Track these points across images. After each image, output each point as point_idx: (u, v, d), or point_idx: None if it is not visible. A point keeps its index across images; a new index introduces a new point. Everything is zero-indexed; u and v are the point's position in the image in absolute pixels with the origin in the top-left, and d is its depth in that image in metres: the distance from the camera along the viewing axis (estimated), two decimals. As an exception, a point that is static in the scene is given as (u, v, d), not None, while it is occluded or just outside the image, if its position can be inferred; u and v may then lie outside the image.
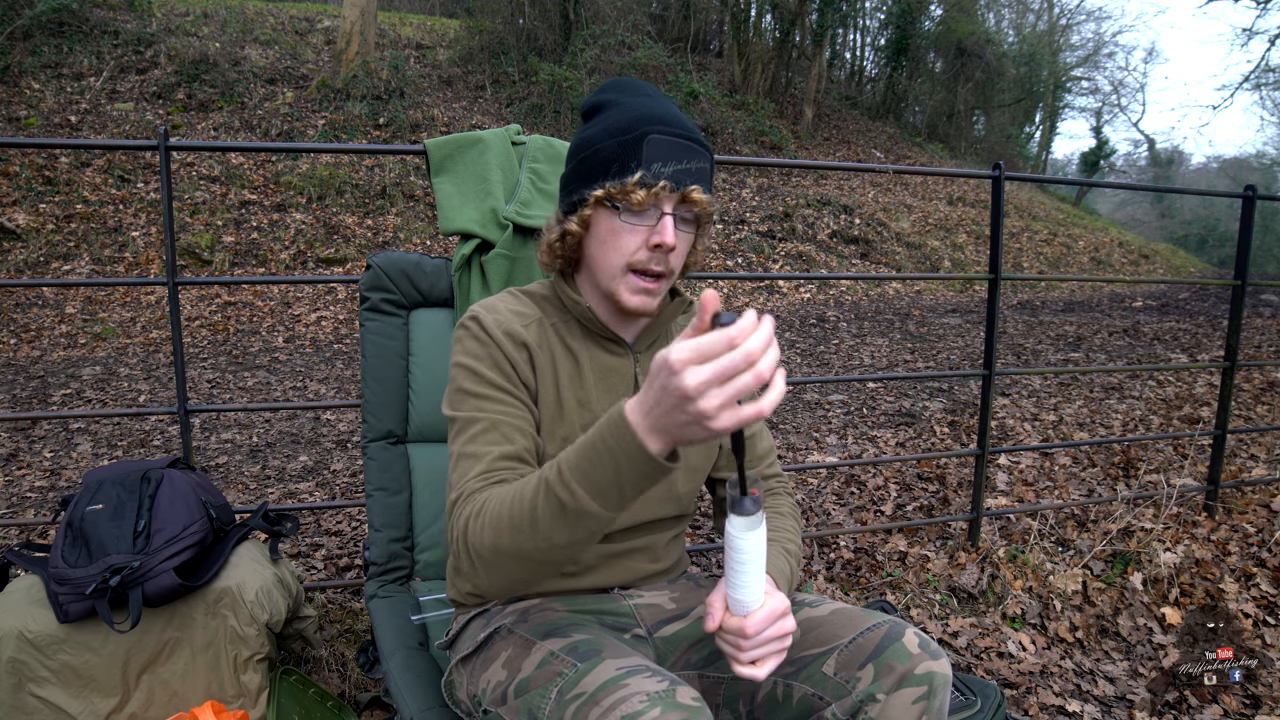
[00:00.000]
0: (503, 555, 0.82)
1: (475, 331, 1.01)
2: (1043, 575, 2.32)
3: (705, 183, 0.98)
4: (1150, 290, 10.84)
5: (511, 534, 0.81)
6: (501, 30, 11.67)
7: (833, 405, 4.65)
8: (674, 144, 0.95)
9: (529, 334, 1.03)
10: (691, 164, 0.96)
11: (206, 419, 4.27)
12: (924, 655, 0.92)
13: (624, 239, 0.98)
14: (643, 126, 0.95)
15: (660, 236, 0.96)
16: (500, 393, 0.98)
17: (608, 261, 0.99)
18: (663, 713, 0.77)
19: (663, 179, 0.94)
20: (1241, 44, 41.66)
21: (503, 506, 0.83)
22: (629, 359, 1.07)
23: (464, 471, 0.92)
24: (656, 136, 0.95)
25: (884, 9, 18.43)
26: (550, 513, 0.77)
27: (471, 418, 0.95)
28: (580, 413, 1.04)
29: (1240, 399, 4.59)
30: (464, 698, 1.04)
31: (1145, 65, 66.93)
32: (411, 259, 1.49)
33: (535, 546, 0.80)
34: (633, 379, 1.07)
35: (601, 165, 0.97)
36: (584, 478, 0.75)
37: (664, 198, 0.96)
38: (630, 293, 0.99)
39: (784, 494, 1.18)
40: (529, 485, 0.81)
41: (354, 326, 6.49)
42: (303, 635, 1.65)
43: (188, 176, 7.70)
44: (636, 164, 0.94)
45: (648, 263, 0.98)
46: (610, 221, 0.98)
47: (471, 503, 0.87)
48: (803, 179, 11.72)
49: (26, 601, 1.37)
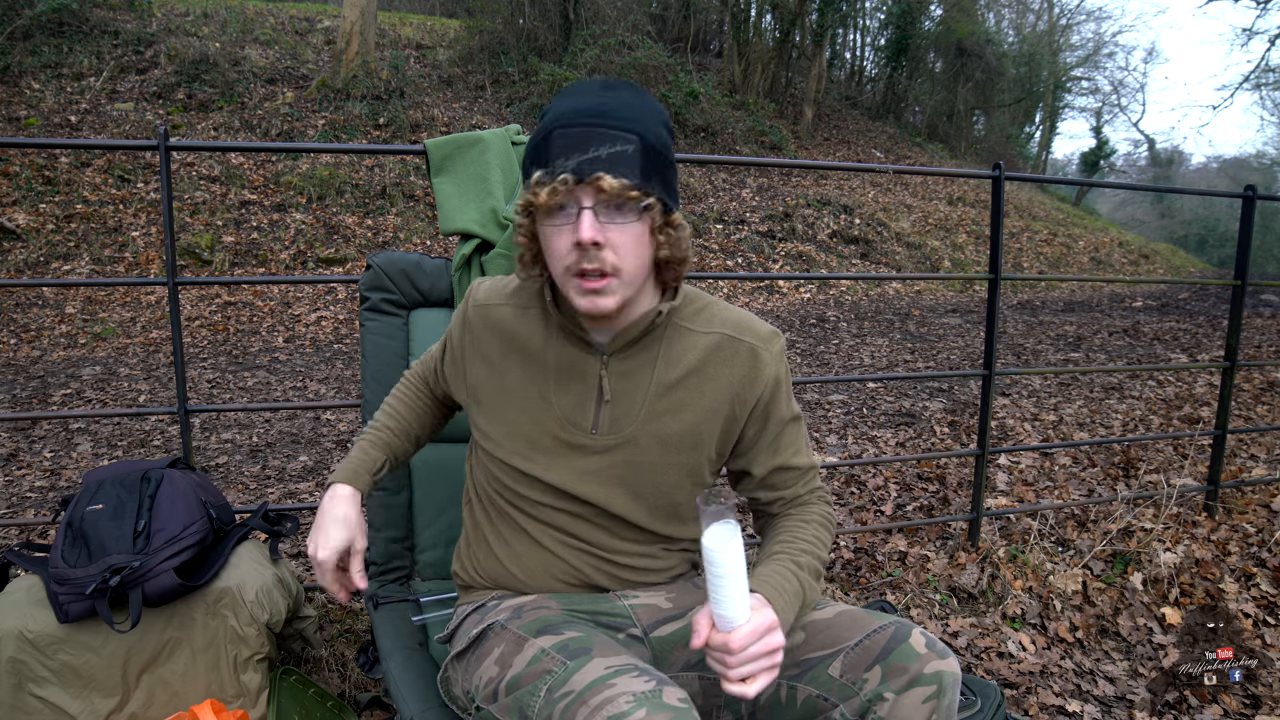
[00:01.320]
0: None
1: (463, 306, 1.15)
2: (1043, 575, 2.32)
3: (624, 167, 0.89)
4: (1150, 290, 10.84)
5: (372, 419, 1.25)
6: (501, 30, 11.66)
7: (833, 405, 4.65)
8: (579, 134, 0.89)
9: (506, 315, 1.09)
10: (601, 150, 0.89)
11: (206, 419, 4.27)
12: (932, 655, 0.92)
13: (554, 243, 0.94)
14: (550, 126, 0.92)
15: (576, 233, 0.90)
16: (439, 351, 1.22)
17: (553, 269, 0.97)
18: (649, 713, 0.77)
19: (565, 172, 0.88)
20: (1241, 44, 41.66)
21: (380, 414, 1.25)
22: (596, 359, 1.04)
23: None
24: (560, 131, 0.90)
25: (884, 9, 18.43)
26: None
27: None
28: (535, 402, 1.06)
29: (1240, 399, 4.59)
30: (459, 693, 1.05)
31: (1145, 65, 66.93)
32: (411, 259, 1.49)
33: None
34: (597, 380, 1.04)
35: (526, 172, 0.96)
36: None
37: (576, 192, 0.90)
38: (577, 295, 0.94)
39: (818, 503, 1.12)
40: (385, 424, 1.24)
41: (354, 326, 6.49)
42: (303, 635, 1.65)
43: (188, 176, 7.70)
44: (540, 165, 0.91)
45: (579, 263, 0.92)
46: (541, 230, 0.96)
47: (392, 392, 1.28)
48: (803, 179, 11.72)
49: (26, 601, 1.36)
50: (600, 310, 0.94)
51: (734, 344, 1.04)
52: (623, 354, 1.03)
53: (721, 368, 1.04)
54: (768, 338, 1.06)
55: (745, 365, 1.04)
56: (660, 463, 1.05)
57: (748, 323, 1.07)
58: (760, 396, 1.05)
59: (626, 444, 1.04)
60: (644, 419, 1.03)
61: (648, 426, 1.03)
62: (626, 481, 1.05)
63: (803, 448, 1.11)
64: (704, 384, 1.04)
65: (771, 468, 1.08)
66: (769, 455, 1.08)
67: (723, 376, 1.04)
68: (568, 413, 1.04)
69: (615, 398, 1.03)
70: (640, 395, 1.03)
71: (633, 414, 1.03)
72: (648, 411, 1.03)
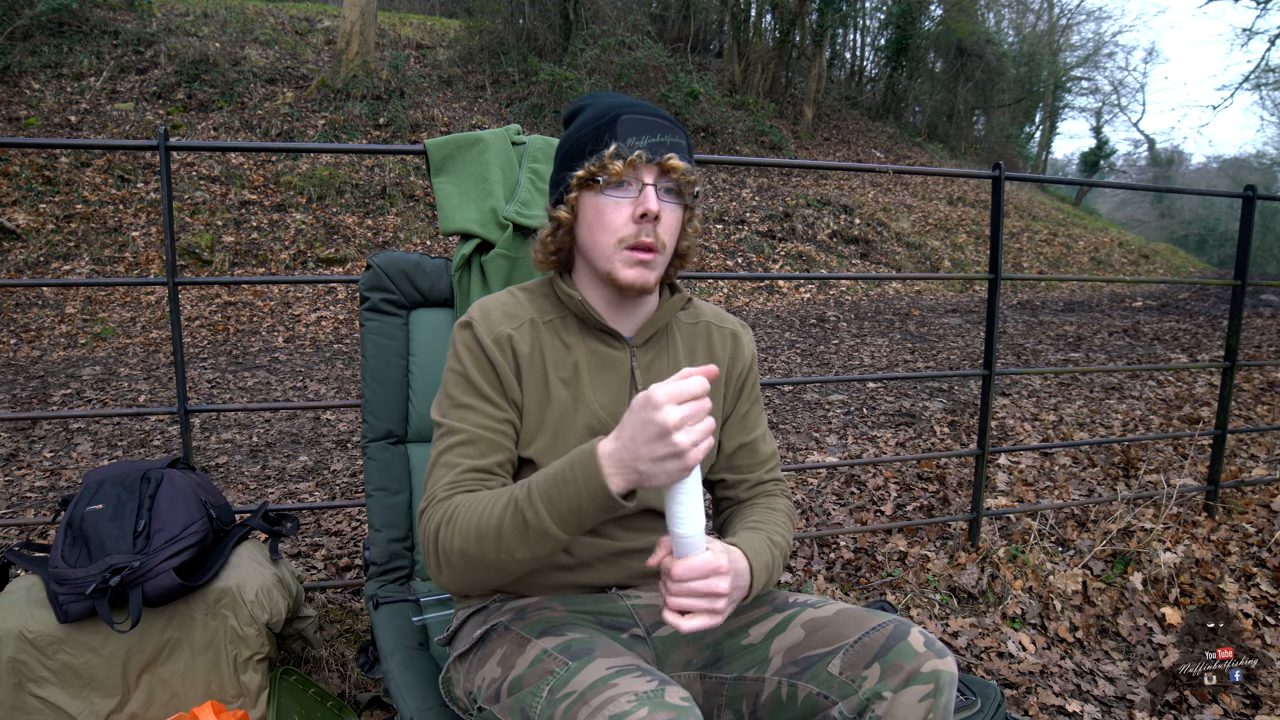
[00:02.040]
0: (469, 560, 0.90)
1: (467, 340, 1.04)
2: (1043, 575, 2.32)
3: (684, 155, 1.00)
4: (1150, 290, 10.84)
5: (478, 542, 0.88)
6: (501, 30, 11.67)
7: (833, 405, 4.65)
8: (646, 121, 0.99)
9: (520, 337, 1.04)
10: (665, 138, 0.99)
11: (206, 419, 4.27)
12: (930, 654, 0.92)
13: (610, 215, 0.99)
14: (615, 111, 1.00)
15: (645, 205, 0.98)
16: (484, 402, 1.01)
17: (600, 242, 1.01)
18: (650, 712, 0.77)
19: (637, 149, 0.97)
20: (1241, 44, 41.69)
21: (472, 515, 0.90)
22: (625, 352, 1.08)
23: (437, 479, 0.98)
24: (628, 116, 0.99)
25: (884, 9, 18.43)
26: (514, 529, 0.86)
27: (452, 427, 1.00)
28: (576, 408, 1.05)
29: (1240, 399, 4.59)
30: (460, 695, 1.05)
31: (1145, 65, 66.93)
32: (411, 259, 1.49)
33: (498, 557, 0.88)
34: (629, 373, 1.07)
35: (579, 150, 1.01)
36: (549, 502, 0.84)
37: (642, 168, 0.99)
38: (625, 266, 1.00)
39: (781, 495, 1.19)
40: (500, 499, 0.89)
41: (354, 326, 6.49)
42: (303, 635, 1.65)
43: (188, 176, 7.70)
44: (611, 139, 0.98)
45: (637, 235, 0.99)
46: (595, 201, 1.00)
47: (442, 509, 0.93)
48: (803, 179, 11.72)
49: (27, 601, 1.37)
50: (646, 283, 1.01)
51: (720, 330, 1.17)
52: (646, 346, 1.09)
53: (715, 350, 1.15)
54: (742, 325, 1.20)
55: (731, 348, 1.16)
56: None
57: (723, 314, 1.20)
58: (741, 374, 1.16)
59: None
60: None
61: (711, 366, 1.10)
62: None
63: (768, 434, 1.21)
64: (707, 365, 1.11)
65: (738, 444, 1.16)
66: (738, 431, 1.17)
67: (717, 358, 1.15)
68: (607, 407, 1.06)
69: (645, 385, 1.07)
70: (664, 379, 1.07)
71: None
72: None
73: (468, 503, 0.91)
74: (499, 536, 0.87)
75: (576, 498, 0.83)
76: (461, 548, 0.89)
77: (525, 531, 0.85)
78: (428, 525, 0.94)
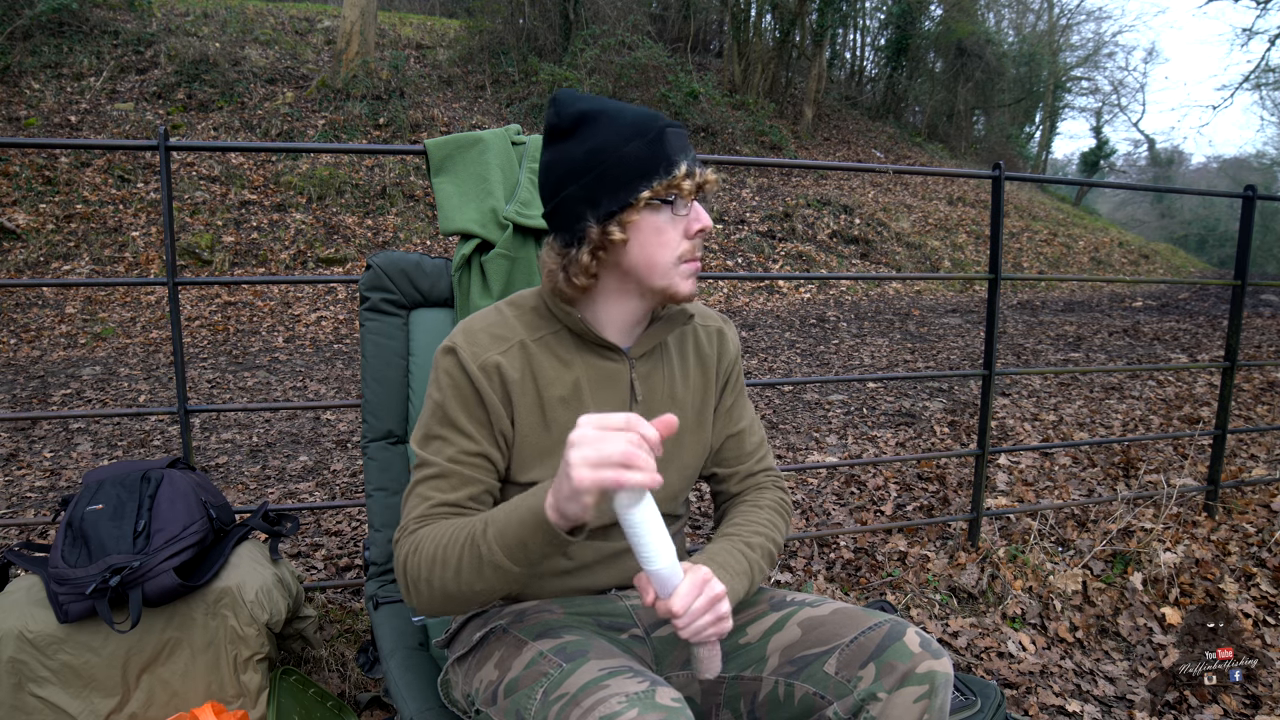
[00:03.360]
0: (434, 589, 0.91)
1: (450, 367, 1.00)
2: (1043, 575, 2.32)
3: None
4: (1150, 290, 10.84)
5: (440, 572, 0.90)
6: (501, 30, 11.66)
7: (833, 405, 4.65)
8: (683, 136, 1.00)
9: (508, 363, 1.00)
10: (694, 152, 1.01)
11: (206, 419, 4.27)
12: (925, 654, 0.92)
13: (669, 234, 1.00)
14: (655, 123, 0.97)
15: (701, 221, 1.00)
16: (458, 434, 0.99)
17: (659, 260, 1.00)
18: (640, 713, 0.78)
19: (695, 167, 0.98)
20: (1241, 44, 41.70)
21: (436, 548, 0.91)
22: (624, 364, 1.06)
23: (409, 510, 0.98)
24: (670, 130, 0.98)
25: (884, 9, 18.43)
26: (471, 562, 0.87)
27: (425, 460, 1.00)
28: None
29: (1240, 399, 4.59)
30: (459, 697, 1.05)
31: (1145, 65, 66.92)
32: (411, 259, 1.49)
33: (458, 588, 0.89)
34: (629, 385, 1.06)
35: (636, 167, 0.96)
36: (500, 538, 0.85)
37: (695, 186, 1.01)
38: (684, 279, 1.02)
39: (772, 488, 1.17)
40: (461, 532, 0.90)
41: (354, 326, 6.49)
42: (303, 635, 1.65)
43: (188, 176, 7.70)
44: (671, 157, 0.97)
45: (692, 252, 1.01)
46: (654, 220, 0.99)
47: (410, 541, 0.94)
48: (803, 179, 11.71)
49: (26, 601, 1.37)
50: (695, 293, 1.04)
51: (706, 330, 1.17)
52: (645, 359, 1.09)
53: (703, 350, 1.15)
54: (725, 322, 1.20)
55: (717, 345, 1.17)
56: (681, 446, 1.10)
57: (705, 310, 1.20)
58: (727, 369, 1.17)
59: None
60: (665, 410, 1.07)
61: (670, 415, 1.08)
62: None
63: (755, 424, 1.21)
64: (697, 367, 1.14)
65: (725, 436, 1.17)
66: (724, 425, 1.17)
67: (706, 357, 1.15)
68: None
69: (645, 398, 1.07)
70: (661, 390, 1.09)
71: (658, 409, 1.07)
72: (668, 403, 1.09)
73: (431, 535, 0.92)
74: (458, 568, 0.88)
75: (522, 530, 0.83)
76: (427, 578, 0.91)
77: (479, 564, 0.87)
78: (397, 555, 0.95)
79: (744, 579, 1.00)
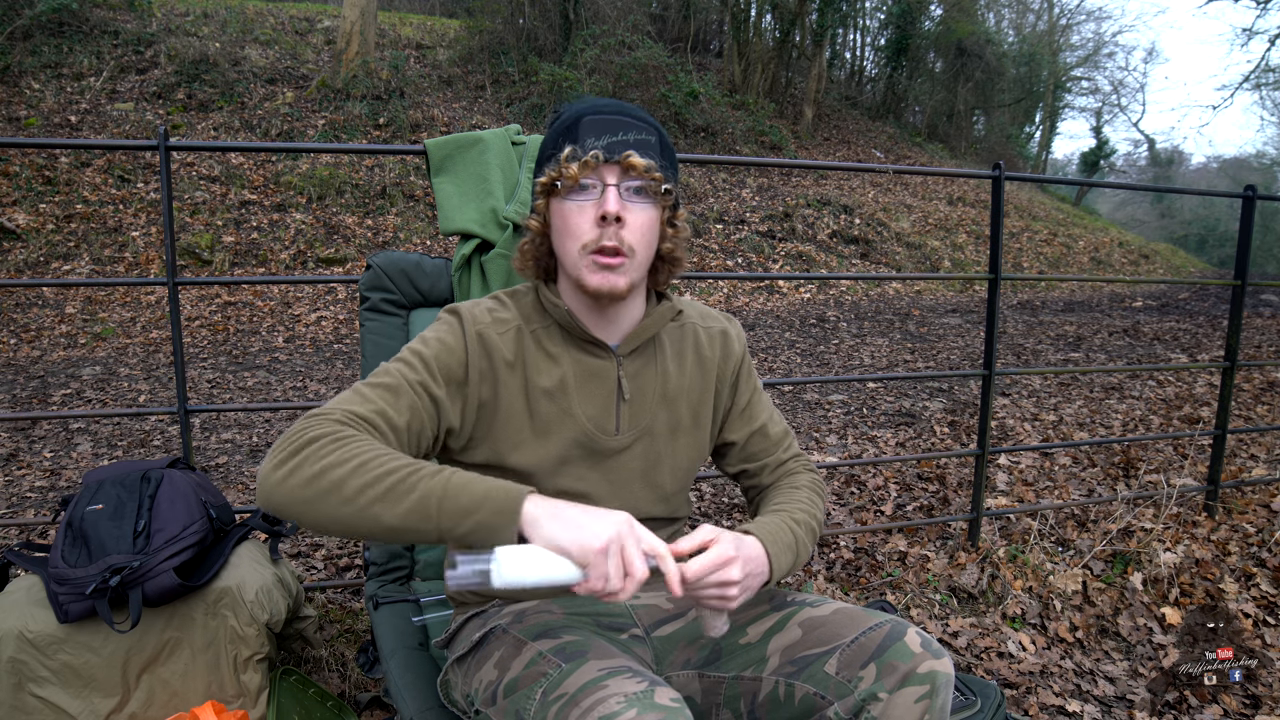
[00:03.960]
0: (321, 479, 0.81)
1: (450, 321, 1.02)
2: (1043, 575, 2.32)
3: (649, 151, 0.97)
4: (1150, 290, 10.84)
5: (353, 473, 0.81)
6: (501, 30, 11.66)
7: (833, 405, 4.65)
8: (607, 121, 0.97)
9: (504, 344, 1.02)
10: (628, 135, 0.96)
11: (206, 419, 4.27)
12: (926, 654, 0.92)
13: (573, 220, 0.97)
14: (578, 114, 0.98)
15: (603, 206, 0.95)
16: (428, 375, 0.96)
17: (566, 248, 0.99)
18: (639, 713, 0.78)
19: (594, 149, 0.95)
20: (1241, 44, 41.70)
21: (366, 453, 0.83)
22: (612, 362, 1.05)
23: (344, 400, 0.92)
24: (589, 118, 0.97)
25: (884, 9, 18.43)
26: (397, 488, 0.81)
27: (388, 369, 0.97)
28: (563, 421, 1.03)
29: (1240, 399, 4.59)
30: (459, 697, 1.05)
31: (1145, 65, 66.88)
32: (411, 259, 1.49)
33: (350, 498, 0.81)
34: (615, 383, 1.05)
35: (544, 158, 1.00)
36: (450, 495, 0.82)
37: (603, 169, 0.96)
38: (591, 272, 0.97)
39: (804, 471, 1.18)
40: (405, 459, 0.84)
41: (354, 326, 6.49)
42: (303, 635, 1.65)
43: (188, 176, 7.70)
44: (568, 142, 0.96)
45: (600, 239, 0.96)
46: (560, 207, 0.98)
47: (333, 427, 0.86)
48: (803, 179, 11.71)
49: (26, 601, 1.37)
50: (613, 288, 0.98)
51: (708, 331, 1.15)
52: (633, 356, 1.08)
53: (704, 351, 1.14)
54: (729, 321, 1.19)
55: (720, 345, 1.15)
56: (674, 447, 1.10)
57: (708, 311, 1.19)
58: (733, 369, 1.16)
59: (644, 436, 1.08)
60: (656, 409, 1.08)
61: (660, 416, 1.09)
62: (647, 475, 1.09)
63: (774, 414, 1.20)
64: (696, 368, 1.12)
65: (749, 434, 1.17)
66: (745, 423, 1.17)
67: (706, 359, 1.13)
68: (594, 419, 1.05)
69: (632, 396, 1.07)
70: (651, 388, 1.08)
71: (647, 407, 1.08)
72: (659, 402, 1.08)
73: (366, 441, 0.85)
74: (377, 480, 0.81)
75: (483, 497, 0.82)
76: (325, 468, 0.81)
77: (405, 496, 0.81)
78: (305, 429, 0.85)
79: (789, 553, 1.01)
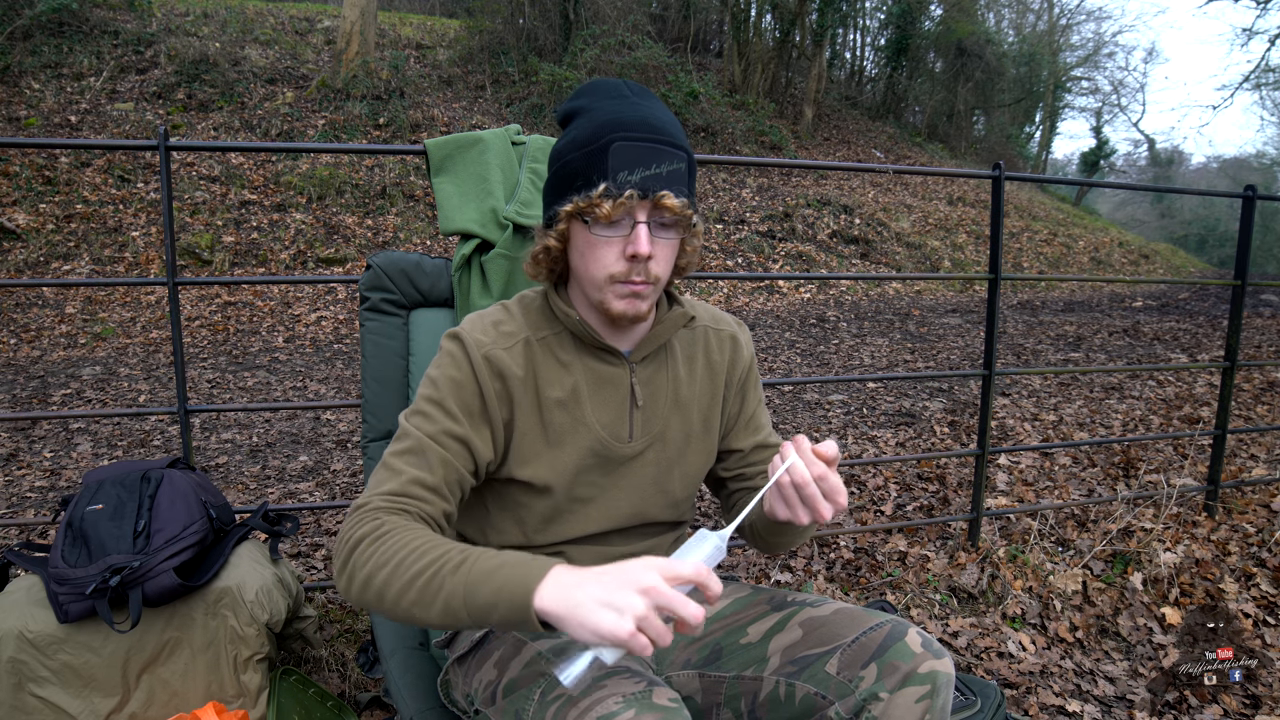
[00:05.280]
0: (370, 588, 0.84)
1: (453, 351, 0.99)
2: (1043, 575, 2.32)
3: (680, 185, 0.93)
4: (1150, 290, 10.84)
5: (388, 578, 0.83)
6: (501, 30, 11.66)
7: (833, 405, 4.65)
8: (641, 149, 0.91)
9: (512, 359, 0.99)
10: (662, 168, 0.92)
11: (206, 419, 4.27)
12: (927, 654, 0.92)
13: (600, 252, 0.94)
14: (607, 135, 0.92)
15: (635, 247, 0.92)
16: (448, 419, 0.96)
17: (589, 275, 0.97)
18: (637, 714, 0.78)
19: (629, 188, 0.90)
20: (1241, 44, 41.72)
21: (397, 553, 0.84)
22: (625, 369, 1.04)
23: (379, 481, 0.93)
24: (621, 143, 0.91)
25: (884, 9, 18.43)
26: (426, 589, 0.81)
27: (408, 431, 0.96)
28: (576, 430, 1.01)
29: (1240, 399, 4.59)
30: (459, 697, 1.06)
31: (1145, 65, 66.88)
32: (411, 259, 1.49)
33: (396, 603, 0.83)
34: (629, 390, 1.04)
35: (569, 179, 0.95)
36: (469, 587, 0.79)
37: (634, 206, 0.92)
38: (616, 299, 0.96)
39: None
40: (432, 553, 0.83)
41: (354, 326, 6.49)
42: (303, 635, 1.65)
43: (188, 176, 7.70)
44: (601, 175, 0.91)
45: (628, 274, 0.94)
46: (584, 235, 0.95)
47: (373, 522, 0.87)
48: (803, 179, 11.71)
49: (26, 601, 1.37)
50: (638, 313, 0.98)
51: (718, 334, 1.14)
52: (645, 363, 1.07)
53: (713, 355, 1.13)
54: (739, 326, 1.18)
55: (729, 350, 1.14)
56: (685, 451, 1.10)
57: (719, 315, 1.17)
58: (741, 376, 1.15)
59: (656, 442, 1.07)
60: (668, 415, 1.08)
61: (672, 421, 1.08)
62: (659, 481, 1.08)
63: (773, 429, 1.21)
64: (705, 372, 1.12)
65: (754, 444, 1.16)
66: (750, 432, 1.16)
67: (715, 363, 1.13)
68: (608, 426, 1.03)
69: (645, 402, 1.06)
70: (663, 394, 1.08)
71: (660, 413, 1.07)
72: (671, 407, 1.08)
73: (397, 535, 0.85)
74: (408, 587, 0.82)
75: (498, 598, 0.77)
76: (370, 575, 0.84)
77: (434, 597, 0.80)
78: (352, 530, 0.87)
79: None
